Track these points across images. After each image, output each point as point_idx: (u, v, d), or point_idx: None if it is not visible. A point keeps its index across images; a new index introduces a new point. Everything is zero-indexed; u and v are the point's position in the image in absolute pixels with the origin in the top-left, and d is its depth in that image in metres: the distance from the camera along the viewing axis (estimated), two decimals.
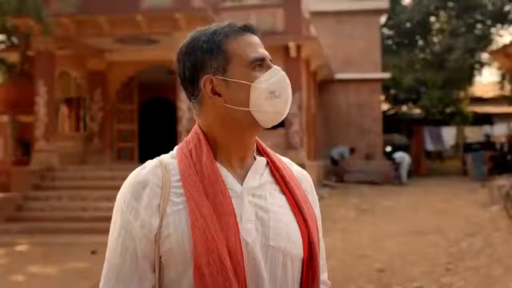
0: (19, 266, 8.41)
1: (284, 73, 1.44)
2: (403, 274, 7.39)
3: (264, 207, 1.39)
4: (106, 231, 1.54)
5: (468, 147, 26.38)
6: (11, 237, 10.67)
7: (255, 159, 1.47)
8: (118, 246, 1.36)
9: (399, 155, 21.65)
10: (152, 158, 1.46)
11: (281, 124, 16.22)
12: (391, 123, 26.73)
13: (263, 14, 16.33)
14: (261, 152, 1.52)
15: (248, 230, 1.35)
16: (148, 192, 1.36)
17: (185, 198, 1.34)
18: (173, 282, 1.32)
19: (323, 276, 1.56)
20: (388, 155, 23.61)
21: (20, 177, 12.99)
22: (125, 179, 1.43)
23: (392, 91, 28.05)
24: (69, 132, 17.13)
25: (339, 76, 22.94)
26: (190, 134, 1.48)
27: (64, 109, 17.63)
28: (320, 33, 20.82)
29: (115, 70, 16.47)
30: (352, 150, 21.70)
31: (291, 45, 15.74)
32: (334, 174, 21.28)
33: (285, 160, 1.57)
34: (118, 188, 1.47)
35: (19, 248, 9.92)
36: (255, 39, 1.44)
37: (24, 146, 14.47)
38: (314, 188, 1.61)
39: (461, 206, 14.24)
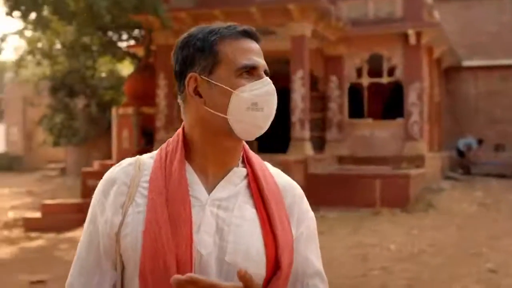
0: None
1: (273, 88, 1.36)
2: None
3: (227, 220, 1.32)
4: None
5: None
6: None
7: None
8: (86, 239, 1.38)
9: None
10: (270, 150, 1.42)
11: (400, 114, 15.73)
12: None
13: (381, 1, 15.85)
14: (245, 162, 1.44)
15: (205, 242, 1.29)
16: (115, 190, 1.35)
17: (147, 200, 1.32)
18: (129, 281, 1.31)
19: None
20: None
21: None
22: None
23: None
24: None
25: (467, 63, 21.79)
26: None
27: None
28: (443, 19, 19.88)
29: None
30: (480, 141, 20.60)
31: (410, 32, 15.15)
32: (460, 167, 20.31)
33: (274, 171, 1.49)
34: None
35: None
36: (253, 46, 1.38)
37: (147, 136, 15.22)
38: (304, 199, 1.50)
39: None
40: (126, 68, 24.00)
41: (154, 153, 1.43)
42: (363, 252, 8.66)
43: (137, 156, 1.43)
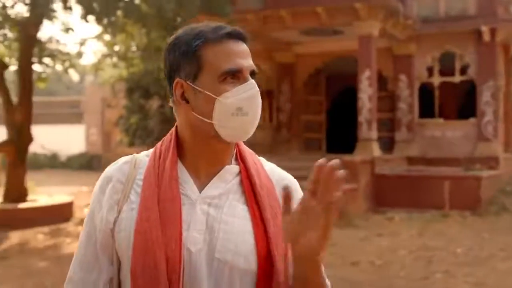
0: None
1: (258, 90, 1.35)
2: None
3: (217, 217, 1.34)
4: None
5: None
6: None
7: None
8: (84, 235, 1.42)
9: None
10: (338, 150, 1.40)
11: (472, 114, 15.25)
12: None
13: None
14: (238, 159, 1.45)
15: (195, 239, 1.31)
16: (110, 187, 1.39)
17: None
18: (125, 277, 1.35)
19: None
20: None
21: None
22: (306, 169, 1.45)
23: None
24: (261, 123, 17.80)
25: None
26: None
27: None
28: None
29: (302, 62, 16.83)
30: None
31: (484, 29, 14.66)
32: None
33: (268, 166, 1.50)
34: (298, 178, 1.52)
35: None
36: (238, 48, 1.36)
37: None
38: (299, 192, 1.47)
39: None
40: None
41: (151, 151, 1.45)
42: (427, 255, 8.48)
43: (134, 154, 1.46)
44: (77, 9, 13.22)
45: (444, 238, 9.78)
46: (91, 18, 12.00)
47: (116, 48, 20.26)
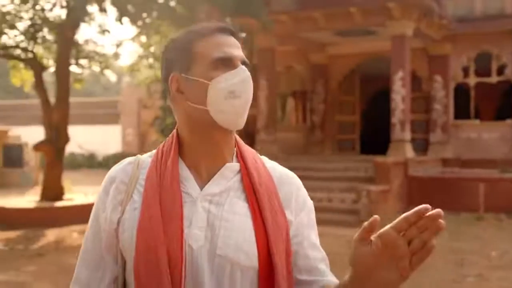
0: None
1: (249, 74, 1.38)
2: None
3: (218, 215, 1.36)
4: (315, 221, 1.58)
5: None
6: None
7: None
8: (90, 234, 1.46)
9: None
10: (374, 150, 1.39)
11: (509, 115, 14.97)
12: None
13: None
14: (238, 157, 1.46)
15: (196, 236, 1.34)
16: (113, 188, 1.42)
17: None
18: (129, 276, 1.39)
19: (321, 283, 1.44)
20: None
21: None
22: (340, 170, 1.46)
23: None
24: (295, 124, 17.88)
25: None
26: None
27: (291, 102, 18.51)
28: None
29: (336, 63, 16.77)
30: None
31: None
32: None
33: (270, 164, 1.51)
34: (331, 179, 1.53)
35: None
36: (228, 39, 1.41)
37: (249, 137, 15.52)
38: (301, 190, 1.50)
39: None
40: None
41: (153, 152, 1.48)
42: (460, 258, 8.38)
43: (137, 155, 1.50)
44: (113, 11, 13.40)
45: (478, 241, 9.64)
46: (125, 20, 12.19)
47: (152, 49, 20.53)
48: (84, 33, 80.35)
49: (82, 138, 27.84)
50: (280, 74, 16.93)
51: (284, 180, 1.49)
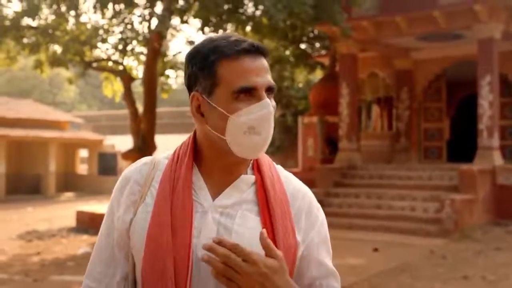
0: None
1: (271, 109, 1.36)
2: None
3: (229, 227, 1.37)
4: (397, 230, 1.56)
5: None
6: None
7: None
8: (103, 232, 1.49)
9: None
10: (461, 158, 1.34)
11: None
12: None
13: None
14: (254, 168, 1.47)
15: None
16: (128, 188, 1.45)
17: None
18: (138, 276, 1.42)
19: None
20: None
21: (324, 174, 13.92)
22: (424, 179, 1.45)
23: None
24: (379, 131, 17.62)
25: None
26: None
27: (376, 109, 18.24)
28: None
29: (421, 68, 16.35)
30: None
31: None
32: None
33: (284, 176, 1.51)
34: (416, 187, 1.53)
35: None
36: (254, 64, 1.36)
37: (332, 145, 15.45)
38: (313, 204, 1.50)
39: None
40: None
41: (170, 153, 1.49)
42: None
43: (153, 156, 1.51)
44: (195, 22, 13.78)
45: None
46: (207, 30, 12.51)
47: None
48: (172, 45, 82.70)
49: (172, 147, 28.66)
50: (364, 81, 16.73)
51: (296, 195, 1.49)
